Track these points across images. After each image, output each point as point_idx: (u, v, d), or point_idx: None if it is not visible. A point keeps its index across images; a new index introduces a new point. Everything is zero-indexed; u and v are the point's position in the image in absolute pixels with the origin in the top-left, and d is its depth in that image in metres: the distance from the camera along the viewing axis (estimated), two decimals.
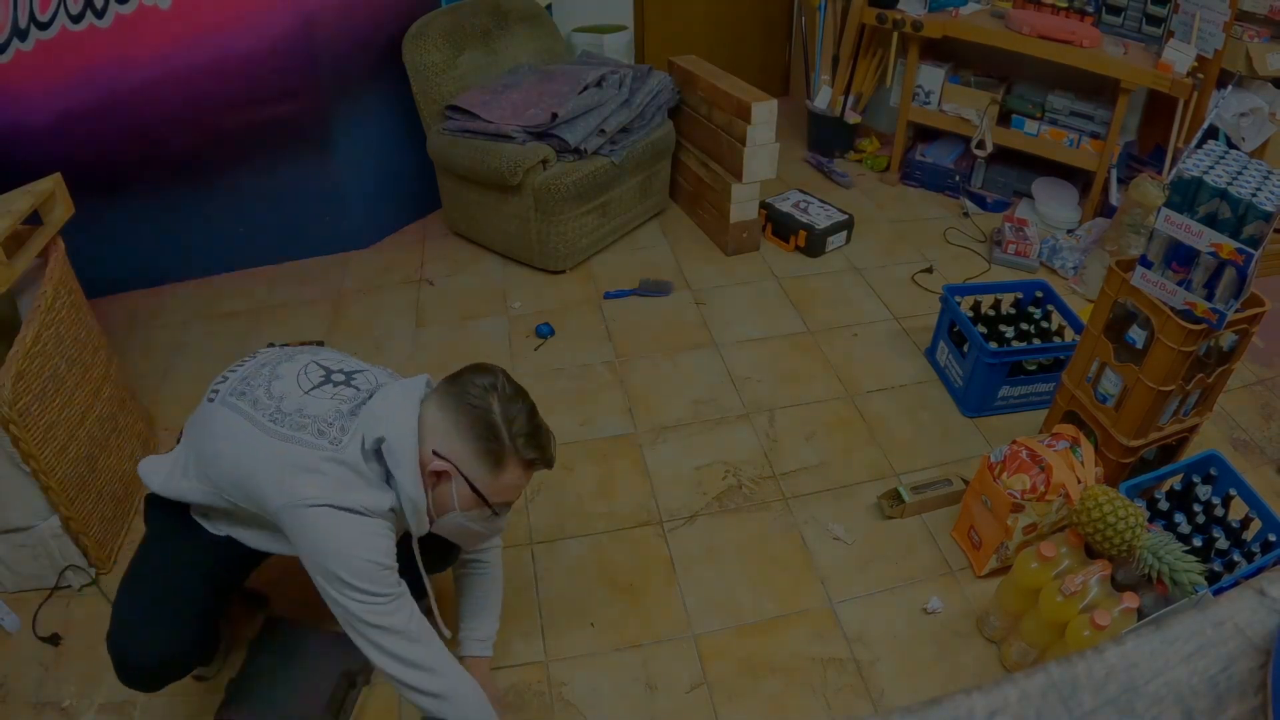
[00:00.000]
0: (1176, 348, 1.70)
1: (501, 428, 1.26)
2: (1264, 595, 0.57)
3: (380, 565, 1.26)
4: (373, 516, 1.26)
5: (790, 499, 2.12)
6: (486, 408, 1.26)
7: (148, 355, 2.66)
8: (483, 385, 1.28)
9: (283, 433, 1.27)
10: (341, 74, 2.82)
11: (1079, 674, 0.52)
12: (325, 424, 1.28)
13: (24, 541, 1.82)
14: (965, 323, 2.31)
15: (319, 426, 1.28)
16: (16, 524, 1.79)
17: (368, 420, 1.28)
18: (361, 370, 1.43)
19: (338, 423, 1.28)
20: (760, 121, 2.83)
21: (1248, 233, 1.55)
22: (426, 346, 2.67)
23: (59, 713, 1.67)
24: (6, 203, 1.84)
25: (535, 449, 1.30)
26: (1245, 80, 2.88)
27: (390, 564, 1.28)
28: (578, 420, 2.36)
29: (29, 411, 1.68)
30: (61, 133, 2.53)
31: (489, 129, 2.79)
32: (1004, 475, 1.80)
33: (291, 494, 1.23)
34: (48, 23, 2.37)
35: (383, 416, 1.28)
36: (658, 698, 1.68)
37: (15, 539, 1.81)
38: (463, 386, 1.29)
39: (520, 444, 1.28)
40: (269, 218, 2.99)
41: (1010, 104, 3.29)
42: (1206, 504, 1.79)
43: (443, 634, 1.46)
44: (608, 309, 2.82)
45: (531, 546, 2.01)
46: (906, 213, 3.39)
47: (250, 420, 1.29)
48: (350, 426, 1.28)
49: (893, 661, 1.74)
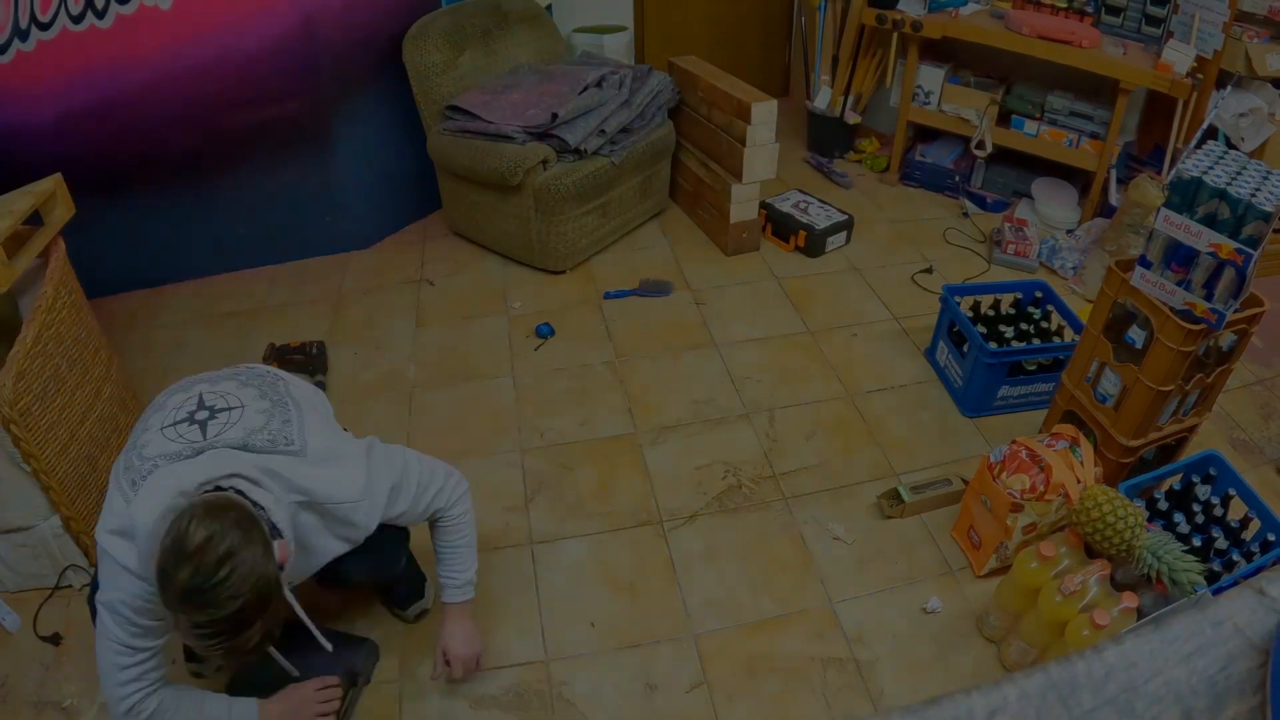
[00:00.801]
0: (1176, 348, 1.70)
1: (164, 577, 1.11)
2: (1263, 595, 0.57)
3: (127, 618, 1.26)
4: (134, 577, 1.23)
5: (790, 499, 2.12)
6: (162, 551, 1.11)
7: (148, 355, 2.66)
8: (173, 531, 1.11)
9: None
10: (342, 74, 2.83)
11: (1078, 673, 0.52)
12: (137, 474, 1.25)
13: (25, 541, 1.82)
14: (965, 323, 2.31)
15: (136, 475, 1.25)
16: (17, 524, 1.79)
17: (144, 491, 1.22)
18: (234, 408, 1.35)
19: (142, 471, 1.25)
20: (760, 122, 2.83)
21: (1247, 233, 1.55)
22: (427, 346, 2.67)
23: (60, 712, 1.67)
24: (7, 203, 1.84)
25: (186, 610, 1.11)
26: (1244, 81, 2.88)
27: (135, 627, 1.27)
28: (578, 420, 2.37)
29: (30, 411, 1.68)
30: (62, 133, 2.54)
31: (489, 129, 2.79)
32: (1003, 475, 1.80)
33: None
34: (49, 23, 2.37)
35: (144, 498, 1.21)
36: (658, 697, 1.69)
37: (16, 538, 1.81)
38: (174, 519, 1.13)
39: (174, 604, 1.12)
40: (269, 218, 2.99)
41: (1010, 104, 3.29)
42: (1206, 504, 1.79)
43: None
44: (608, 309, 2.82)
45: (531, 546, 2.01)
46: (906, 213, 3.39)
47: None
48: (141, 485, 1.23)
49: (892, 661, 1.75)
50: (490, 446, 2.29)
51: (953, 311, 2.38)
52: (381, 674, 1.73)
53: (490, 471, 2.21)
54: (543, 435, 2.32)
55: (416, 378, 2.54)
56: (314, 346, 2.57)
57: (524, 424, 2.36)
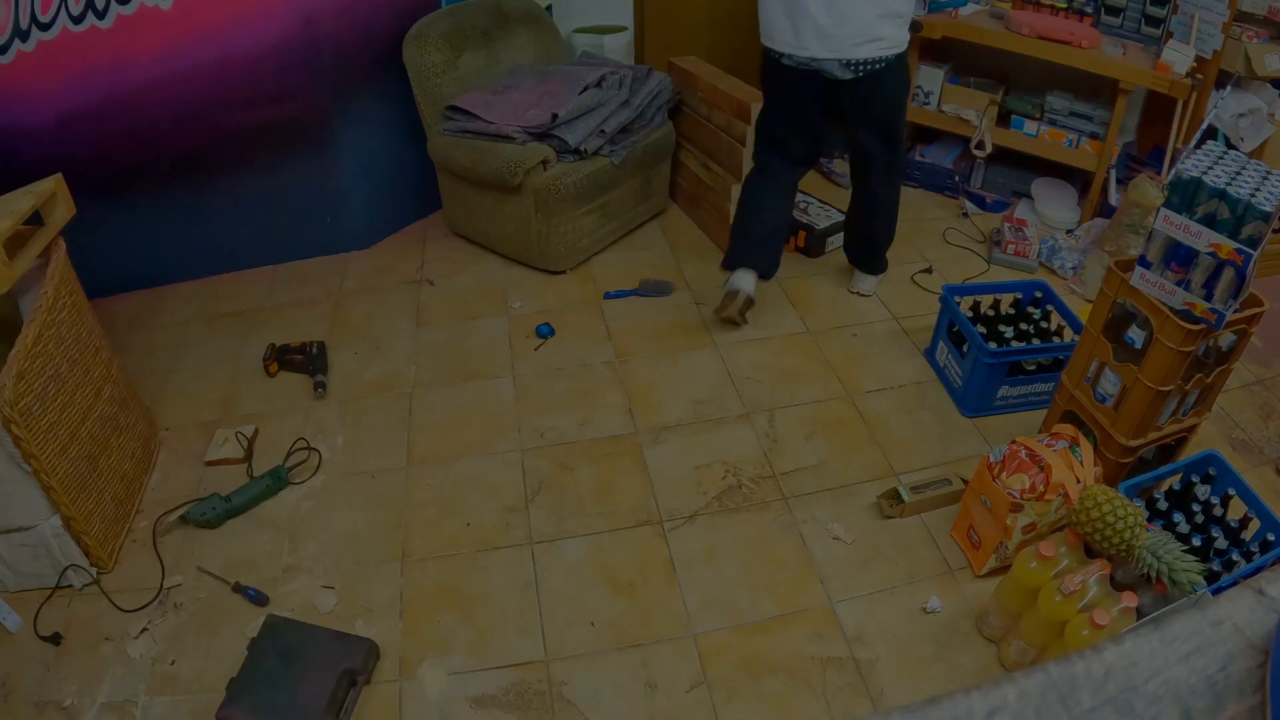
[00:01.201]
0: (1175, 348, 1.70)
1: None
2: (1262, 595, 0.57)
3: None
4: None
5: (790, 499, 2.12)
6: None
7: (149, 355, 2.67)
8: None
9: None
10: (342, 75, 2.83)
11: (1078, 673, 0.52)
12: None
13: (25, 541, 1.82)
14: (964, 323, 2.32)
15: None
16: (18, 523, 1.79)
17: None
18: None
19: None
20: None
21: (1246, 233, 1.56)
22: (427, 346, 2.67)
23: (60, 712, 1.67)
24: (8, 203, 1.84)
25: None
26: (1244, 81, 2.89)
27: None
28: (578, 420, 2.37)
29: (30, 411, 1.68)
30: (63, 133, 2.54)
31: (489, 130, 2.79)
32: (1003, 475, 1.80)
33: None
34: (49, 23, 2.37)
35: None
36: (657, 697, 1.69)
37: (16, 538, 1.82)
38: None
39: None
40: (270, 218, 2.99)
41: (1009, 104, 3.29)
42: (1205, 504, 1.79)
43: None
44: (608, 309, 2.82)
45: (531, 546, 2.01)
46: (906, 213, 3.36)
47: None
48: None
49: (892, 661, 1.75)
50: (490, 446, 2.29)
51: (952, 311, 2.38)
52: (382, 674, 1.74)
53: (490, 471, 2.21)
54: (543, 435, 2.32)
55: (417, 377, 2.54)
56: (314, 346, 2.57)
57: (524, 424, 2.36)
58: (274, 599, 1.88)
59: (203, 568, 1.95)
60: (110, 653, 1.78)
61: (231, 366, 2.60)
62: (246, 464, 2.23)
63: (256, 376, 2.55)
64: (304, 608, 1.87)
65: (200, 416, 2.41)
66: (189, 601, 1.89)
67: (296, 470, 2.21)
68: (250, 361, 2.61)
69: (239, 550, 2.01)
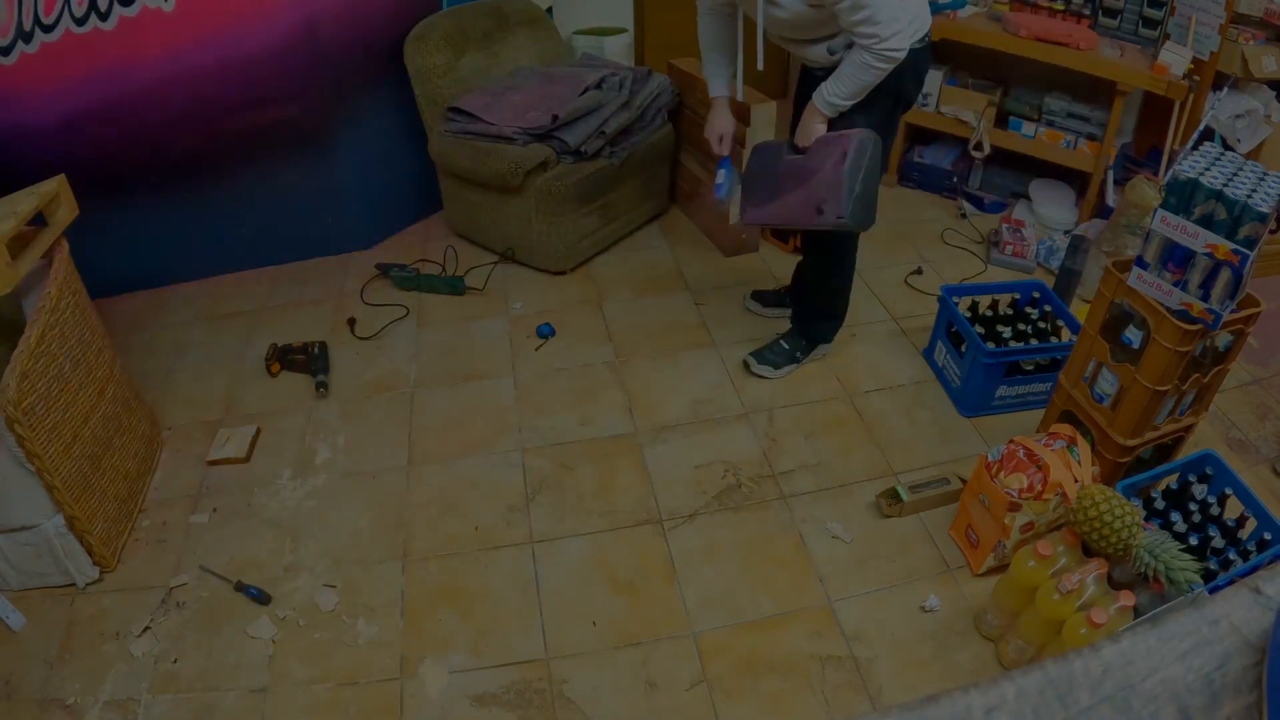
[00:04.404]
0: (1172, 348, 1.71)
1: None
2: (1259, 593, 0.57)
3: None
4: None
5: (789, 498, 2.13)
6: None
7: (151, 355, 2.67)
8: None
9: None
10: (343, 76, 2.83)
11: (1075, 671, 0.53)
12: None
13: (28, 540, 1.83)
14: (963, 323, 2.32)
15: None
16: (21, 522, 1.80)
17: None
18: None
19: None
20: (760, 123, 2.83)
21: (1243, 234, 1.56)
22: (428, 347, 2.67)
23: (63, 710, 1.68)
24: (11, 204, 1.84)
25: None
26: (1241, 82, 2.90)
27: None
28: (578, 420, 2.37)
29: (34, 411, 1.69)
30: (66, 134, 2.54)
31: (490, 131, 2.79)
32: (1001, 474, 1.81)
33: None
34: (52, 25, 2.38)
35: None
36: (658, 695, 1.70)
37: (20, 537, 1.82)
38: None
39: None
40: (271, 219, 2.99)
41: (1007, 106, 3.30)
42: (1202, 503, 1.80)
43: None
44: (608, 310, 2.83)
45: (532, 545, 2.02)
46: (904, 214, 3.40)
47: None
48: None
49: (891, 659, 1.76)
50: (491, 446, 2.30)
51: (951, 312, 2.39)
52: (382, 672, 1.74)
53: (491, 471, 2.22)
54: (543, 435, 2.33)
55: (418, 377, 2.54)
56: (316, 346, 2.58)
57: (524, 424, 2.37)
58: (276, 598, 1.89)
59: (205, 566, 1.96)
60: (113, 651, 1.78)
61: (234, 366, 2.61)
62: (247, 464, 2.24)
63: (258, 376, 2.56)
64: (305, 606, 1.88)
65: (202, 416, 2.41)
66: (191, 600, 1.89)
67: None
68: (252, 361, 2.62)
69: (241, 549, 2.01)
